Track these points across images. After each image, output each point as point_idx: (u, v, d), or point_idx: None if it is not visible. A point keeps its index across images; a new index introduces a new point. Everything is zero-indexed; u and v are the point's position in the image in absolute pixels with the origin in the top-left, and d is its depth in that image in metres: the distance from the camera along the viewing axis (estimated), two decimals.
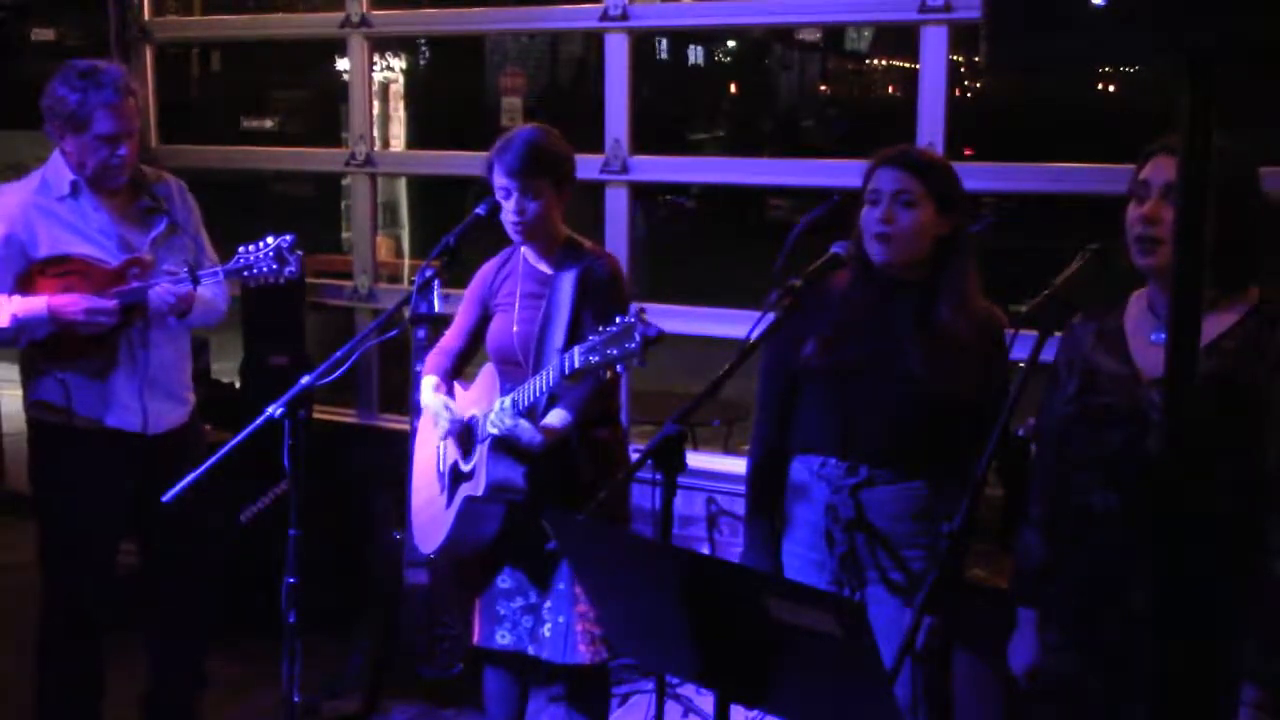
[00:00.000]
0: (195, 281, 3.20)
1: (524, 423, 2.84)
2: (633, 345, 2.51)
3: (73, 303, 3.14)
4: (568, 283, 2.95)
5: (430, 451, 3.19)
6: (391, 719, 3.92)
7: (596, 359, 2.55)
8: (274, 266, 3.21)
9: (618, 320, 2.54)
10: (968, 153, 4.59)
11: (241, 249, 3.23)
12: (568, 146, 3.02)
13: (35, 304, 3.15)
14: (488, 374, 3.02)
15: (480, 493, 2.92)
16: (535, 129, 2.98)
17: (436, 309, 3.21)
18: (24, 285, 3.23)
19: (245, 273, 3.22)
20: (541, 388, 2.79)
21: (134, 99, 3.23)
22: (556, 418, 2.89)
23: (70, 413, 3.27)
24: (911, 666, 2.46)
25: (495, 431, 2.86)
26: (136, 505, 3.37)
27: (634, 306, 2.56)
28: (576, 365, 2.61)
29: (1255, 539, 2.10)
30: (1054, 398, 2.34)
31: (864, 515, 2.58)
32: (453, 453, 3.07)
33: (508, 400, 2.86)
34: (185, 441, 3.43)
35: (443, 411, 3.01)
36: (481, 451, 2.93)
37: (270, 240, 3.21)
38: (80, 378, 3.26)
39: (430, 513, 3.13)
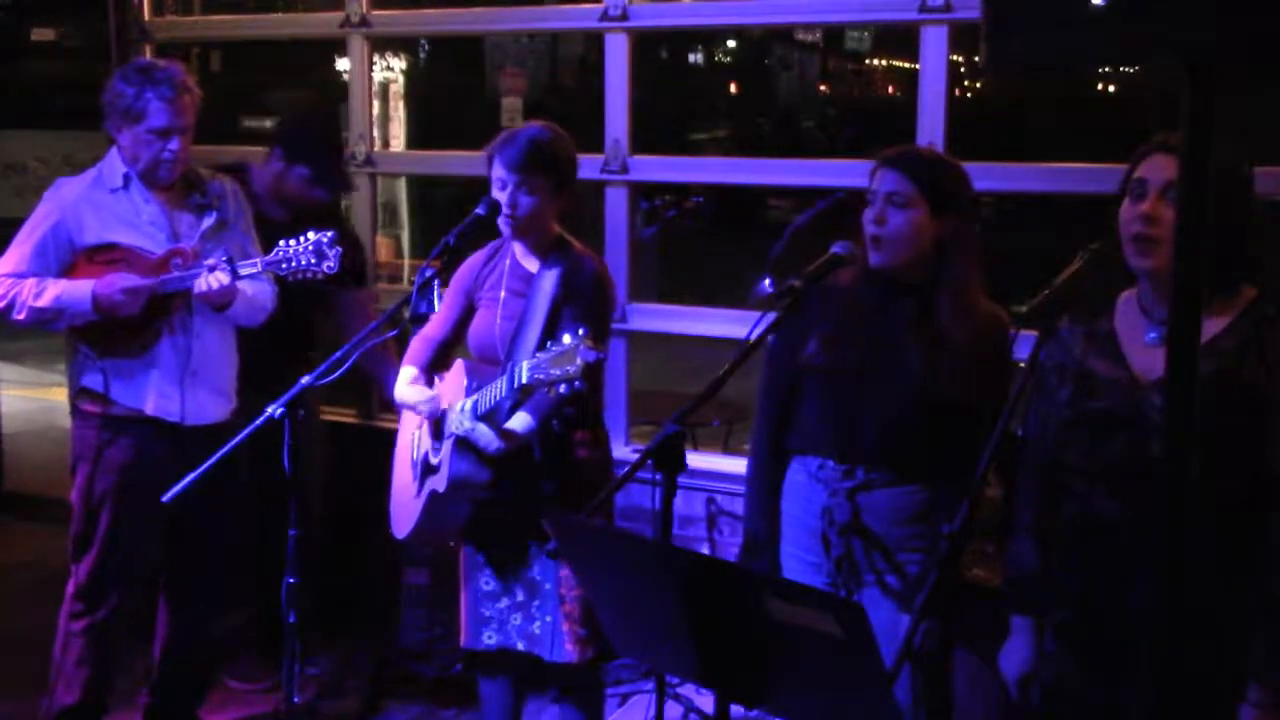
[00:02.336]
0: (235, 273, 3.22)
1: (482, 427, 2.84)
2: (572, 368, 2.52)
3: (110, 284, 3.20)
4: (549, 282, 2.95)
5: (408, 438, 3.21)
6: (391, 719, 3.92)
7: (542, 376, 2.57)
8: (313, 261, 3.20)
9: (565, 339, 2.55)
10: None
11: (281, 243, 3.24)
12: (572, 150, 3.02)
13: (80, 287, 3.22)
14: (459, 370, 3.02)
15: (442, 489, 2.93)
16: (543, 127, 2.98)
17: (436, 309, 3.21)
18: (69, 274, 3.29)
19: (284, 265, 3.22)
20: (498, 395, 2.79)
21: (190, 96, 3.30)
22: (519, 422, 2.89)
23: (109, 400, 3.32)
24: (910, 668, 2.46)
25: (457, 432, 2.88)
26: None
27: (581, 329, 2.56)
28: (524, 380, 2.63)
29: (1258, 539, 2.09)
30: (1043, 404, 2.33)
31: (860, 519, 2.58)
32: (425, 443, 3.08)
33: (469, 403, 2.87)
34: (223, 441, 3.34)
35: (422, 399, 3.02)
36: (446, 448, 2.94)
37: (311, 235, 3.21)
38: (121, 365, 3.31)
39: (403, 499, 3.16)
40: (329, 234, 3.22)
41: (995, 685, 2.73)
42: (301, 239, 3.22)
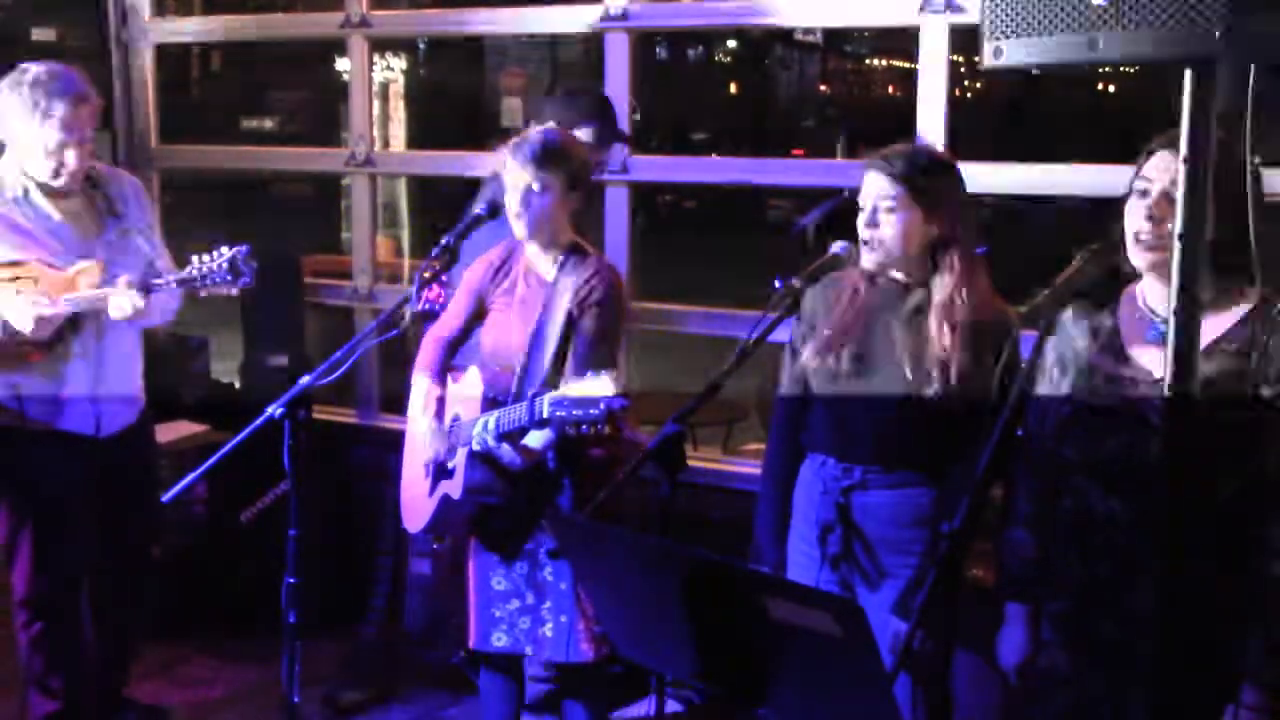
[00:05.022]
0: (146, 292, 3.15)
1: (505, 445, 2.85)
2: (595, 412, 2.53)
3: (22, 313, 3.12)
4: (566, 293, 2.94)
5: (420, 430, 3.21)
6: (404, 705, 3.95)
7: (562, 414, 2.57)
8: (228, 278, 3.14)
9: (589, 380, 2.55)
10: None
11: (195, 259, 3.17)
12: (584, 151, 3.04)
13: None
14: (473, 378, 3.02)
15: (458, 495, 2.95)
16: (555, 130, 2.99)
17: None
18: None
19: (197, 283, 3.16)
20: (518, 420, 2.79)
21: (89, 105, 3.19)
22: (537, 439, 2.88)
23: (22, 416, 3.26)
24: (910, 669, 2.45)
25: (478, 448, 2.88)
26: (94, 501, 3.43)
27: (609, 372, 2.56)
28: (544, 414, 2.64)
29: (1256, 540, 2.09)
30: (1044, 397, 2.33)
31: (852, 518, 2.58)
32: (439, 441, 3.08)
33: (492, 421, 2.86)
34: (136, 440, 3.48)
35: (431, 439, 3.04)
36: (462, 455, 2.95)
37: (225, 250, 3.14)
38: (32, 381, 3.25)
39: (414, 493, 3.16)
40: (243, 248, 3.14)
41: (996, 685, 2.73)
42: (216, 254, 3.14)
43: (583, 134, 3.41)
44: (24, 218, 3.22)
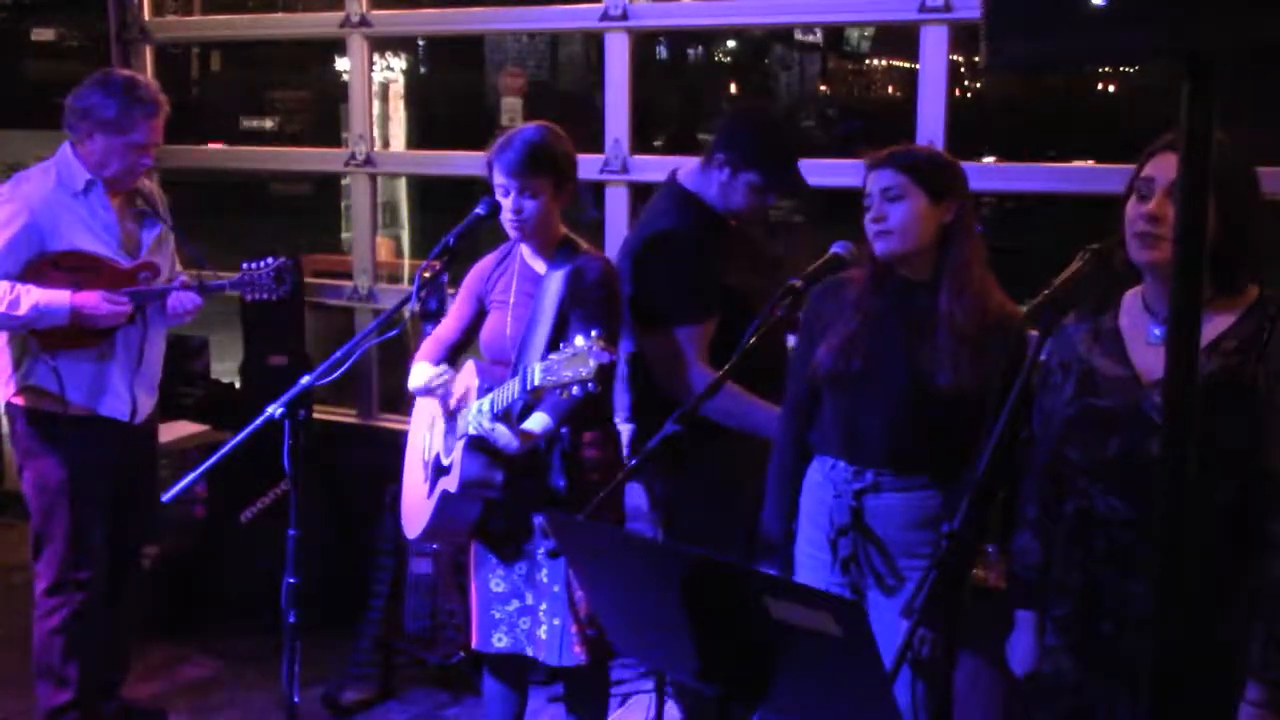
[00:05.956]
0: (205, 293, 3.48)
1: (501, 427, 2.83)
2: (585, 370, 2.52)
3: (93, 302, 3.29)
4: (555, 284, 2.94)
5: (419, 439, 3.21)
6: (404, 705, 3.95)
7: (554, 378, 2.57)
8: (273, 285, 3.51)
9: (578, 341, 2.54)
10: None
11: (246, 265, 3.49)
12: (569, 145, 3.00)
13: (58, 298, 3.28)
14: (469, 371, 3.02)
15: (455, 490, 2.93)
16: (538, 128, 2.97)
17: (446, 307, 3.23)
18: (32, 274, 3.31)
19: (248, 289, 3.52)
20: (511, 396, 2.79)
21: (164, 113, 3.44)
22: (537, 423, 2.88)
23: (63, 400, 3.37)
24: (911, 669, 2.45)
25: (474, 431, 2.86)
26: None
27: (594, 330, 2.55)
28: (536, 383, 2.63)
29: (1257, 538, 2.09)
30: (1046, 399, 2.33)
31: (867, 520, 2.57)
32: (437, 444, 3.08)
33: (486, 403, 2.86)
34: (153, 429, 3.71)
35: (434, 374, 3.01)
36: (459, 448, 2.94)
37: (271, 260, 3.52)
38: (74, 366, 3.39)
39: (414, 498, 3.16)
40: (287, 260, 3.52)
41: (995, 685, 2.73)
42: (264, 263, 3.51)
43: (748, 178, 3.20)
44: (85, 212, 3.39)
